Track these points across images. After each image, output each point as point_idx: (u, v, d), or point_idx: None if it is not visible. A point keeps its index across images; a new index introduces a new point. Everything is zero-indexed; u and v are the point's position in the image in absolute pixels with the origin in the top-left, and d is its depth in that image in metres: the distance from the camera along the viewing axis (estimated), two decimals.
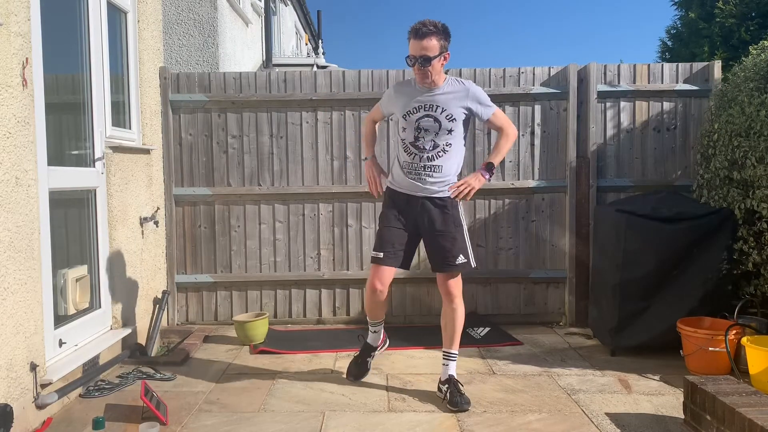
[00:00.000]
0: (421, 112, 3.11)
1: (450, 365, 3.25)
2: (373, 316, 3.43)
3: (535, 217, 4.75)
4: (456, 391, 3.14)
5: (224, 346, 4.25)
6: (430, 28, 2.98)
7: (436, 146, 3.11)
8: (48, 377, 2.96)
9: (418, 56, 3.00)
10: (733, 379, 2.84)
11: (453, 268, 3.17)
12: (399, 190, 3.21)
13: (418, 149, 3.12)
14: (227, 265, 4.76)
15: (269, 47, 8.58)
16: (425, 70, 3.02)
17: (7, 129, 2.69)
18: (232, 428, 2.92)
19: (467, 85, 3.17)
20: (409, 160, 3.14)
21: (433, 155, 3.11)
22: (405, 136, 3.16)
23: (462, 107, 3.12)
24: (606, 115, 4.66)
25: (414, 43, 3.00)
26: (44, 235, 3.03)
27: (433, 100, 3.11)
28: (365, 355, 3.51)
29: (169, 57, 6.05)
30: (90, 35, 3.59)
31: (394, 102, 3.24)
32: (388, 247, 3.18)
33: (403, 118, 3.14)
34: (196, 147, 4.71)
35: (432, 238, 3.19)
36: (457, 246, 3.16)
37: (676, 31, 7.23)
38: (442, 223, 3.16)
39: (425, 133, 3.11)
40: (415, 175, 3.14)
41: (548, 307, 4.78)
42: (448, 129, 3.11)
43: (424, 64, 3.00)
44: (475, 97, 3.16)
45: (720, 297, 3.79)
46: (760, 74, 3.80)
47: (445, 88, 3.13)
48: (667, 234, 3.77)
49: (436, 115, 3.09)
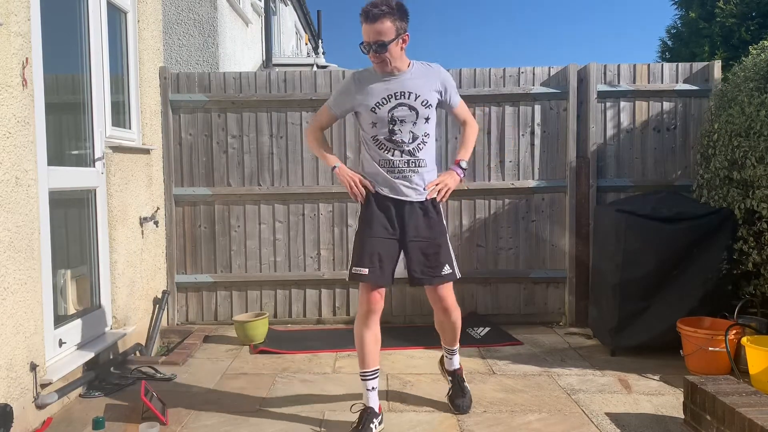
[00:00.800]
0: (393, 101, 2.73)
1: (453, 359, 3.14)
2: (367, 363, 2.82)
3: (535, 217, 4.75)
4: (459, 390, 3.06)
5: (224, 346, 4.25)
6: (382, 8, 2.60)
7: (415, 138, 2.75)
8: (48, 377, 2.96)
9: (372, 42, 2.63)
10: (733, 379, 2.84)
11: (439, 279, 2.84)
12: (382, 194, 2.81)
13: (396, 144, 2.75)
14: (227, 265, 4.76)
15: (269, 47, 8.58)
16: (382, 57, 2.66)
17: (7, 129, 2.69)
18: (232, 428, 2.92)
19: (435, 68, 2.84)
20: (389, 157, 2.76)
21: (413, 149, 2.75)
22: (377, 132, 2.76)
23: (435, 91, 2.80)
24: (606, 115, 4.66)
25: (366, 27, 2.63)
26: (44, 235, 3.03)
27: (403, 86, 2.73)
28: (367, 422, 2.77)
29: (169, 57, 6.05)
30: (90, 35, 3.59)
31: (354, 96, 2.80)
32: (367, 259, 2.76)
33: (372, 111, 2.74)
34: (196, 147, 4.71)
35: (417, 247, 2.81)
36: (442, 254, 2.83)
37: (677, 30, 7.22)
38: (428, 229, 2.81)
39: (401, 125, 2.73)
40: (399, 173, 2.76)
41: (548, 307, 4.78)
42: (426, 117, 2.76)
43: (380, 50, 2.64)
44: (446, 80, 2.85)
45: (720, 297, 3.78)
46: (760, 74, 3.80)
47: (413, 72, 2.77)
48: (667, 234, 3.77)
49: (410, 102, 2.73)
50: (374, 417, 2.80)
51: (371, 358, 2.83)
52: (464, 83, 4.69)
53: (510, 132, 4.71)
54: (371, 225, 2.80)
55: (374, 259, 2.76)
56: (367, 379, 2.83)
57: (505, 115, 4.71)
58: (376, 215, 2.80)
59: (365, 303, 2.81)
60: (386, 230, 2.80)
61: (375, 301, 2.80)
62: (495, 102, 4.70)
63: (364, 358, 2.83)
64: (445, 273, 2.84)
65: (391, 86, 2.75)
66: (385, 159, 2.78)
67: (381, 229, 2.79)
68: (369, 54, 2.70)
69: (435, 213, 2.84)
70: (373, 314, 2.82)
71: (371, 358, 2.83)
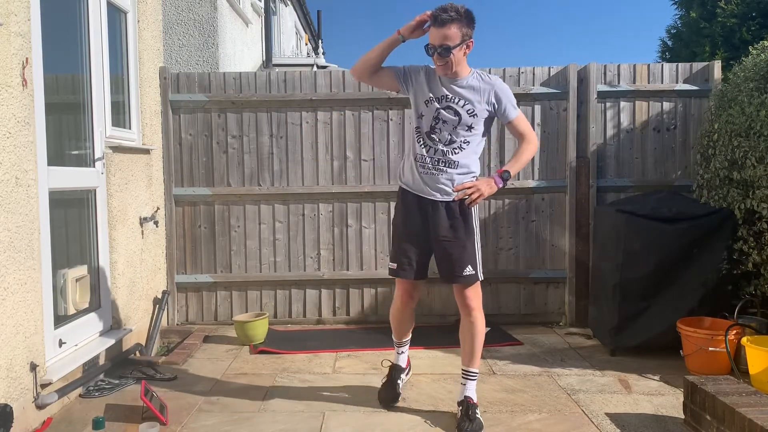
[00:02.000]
0: (444, 102, 2.85)
1: (468, 385, 2.98)
2: (398, 335, 3.27)
3: (535, 217, 4.74)
4: (466, 416, 2.87)
5: (224, 346, 4.25)
6: (451, 14, 2.69)
7: (452, 141, 2.85)
8: (48, 377, 2.96)
9: (438, 45, 2.72)
10: (733, 379, 2.84)
11: (458, 279, 2.90)
12: (409, 191, 2.95)
13: (433, 141, 2.86)
14: (227, 265, 4.76)
15: (269, 47, 8.58)
16: (446, 60, 2.74)
17: (7, 129, 2.69)
18: (232, 428, 2.92)
19: (493, 81, 2.89)
20: (423, 153, 2.88)
21: (447, 150, 2.85)
22: (421, 123, 2.89)
23: (486, 102, 2.86)
24: (606, 115, 4.66)
25: (434, 30, 2.73)
26: (44, 235, 3.03)
27: (456, 91, 2.85)
28: (394, 377, 3.25)
29: (169, 57, 6.05)
30: (90, 35, 3.59)
31: (421, 80, 2.91)
32: (400, 256, 2.96)
33: (425, 104, 2.88)
34: (196, 147, 4.72)
35: (440, 246, 2.91)
36: (466, 255, 2.89)
37: (677, 30, 7.22)
38: (451, 230, 2.89)
39: (443, 125, 2.85)
40: (428, 170, 2.87)
41: (548, 307, 4.78)
42: (468, 125, 2.84)
43: (444, 53, 2.72)
44: (502, 93, 2.88)
45: (720, 297, 3.78)
46: (760, 74, 3.80)
47: (470, 81, 2.86)
48: (667, 234, 3.77)
49: (457, 107, 2.84)
50: (401, 372, 3.29)
51: (402, 333, 3.26)
52: None
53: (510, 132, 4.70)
54: (403, 223, 2.99)
55: (401, 256, 2.97)
56: (399, 345, 3.30)
57: None
58: (406, 213, 2.97)
59: (397, 297, 3.13)
60: (416, 227, 2.94)
61: (406, 298, 3.09)
62: None
63: (396, 332, 3.27)
64: (466, 273, 2.90)
65: (446, 88, 2.86)
66: (420, 153, 2.90)
67: (411, 226, 2.95)
68: (433, 56, 2.78)
69: (461, 214, 2.89)
70: (405, 306, 3.12)
71: (402, 333, 3.27)
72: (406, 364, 3.36)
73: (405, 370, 3.34)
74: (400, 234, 2.99)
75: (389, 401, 3.15)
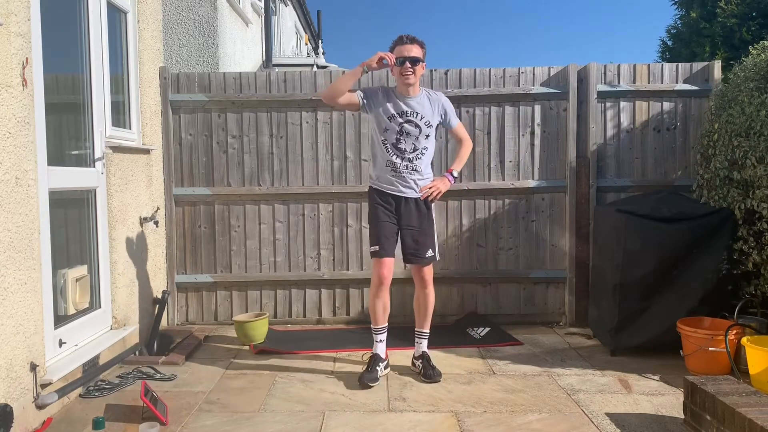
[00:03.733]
0: (404, 117, 3.43)
1: (423, 343, 3.65)
2: (377, 321, 3.58)
3: (535, 217, 4.75)
4: (428, 365, 3.55)
5: (224, 346, 4.25)
6: (412, 37, 3.42)
7: (415, 149, 3.45)
8: (48, 377, 2.96)
9: (409, 56, 3.36)
10: (733, 379, 2.84)
11: (424, 260, 3.54)
12: (383, 189, 3.50)
13: (400, 151, 3.44)
14: (227, 265, 4.76)
15: (269, 47, 8.58)
16: (414, 69, 3.38)
17: (7, 129, 2.69)
18: (232, 428, 2.92)
19: (439, 96, 3.57)
20: (392, 160, 3.45)
21: (412, 157, 3.45)
22: (387, 137, 3.45)
23: (437, 114, 3.52)
24: (606, 115, 4.66)
25: (401, 47, 3.39)
26: (44, 235, 3.03)
27: (414, 107, 3.45)
28: (374, 364, 3.54)
29: (169, 57, 6.05)
30: (90, 35, 3.59)
31: (380, 99, 3.49)
32: (383, 240, 3.47)
33: (388, 119, 3.43)
34: (196, 147, 4.72)
35: (409, 234, 3.51)
36: (429, 241, 3.54)
37: (677, 30, 7.22)
38: (418, 220, 3.51)
39: (407, 137, 3.43)
40: (399, 174, 3.45)
41: (548, 307, 4.78)
42: (426, 134, 3.46)
43: (414, 62, 3.37)
44: (447, 106, 3.57)
45: (720, 297, 3.78)
46: (761, 74, 3.80)
47: (422, 97, 3.49)
48: (667, 234, 3.77)
49: (416, 121, 3.44)
50: (380, 361, 3.55)
51: (380, 318, 3.58)
52: (464, 83, 4.69)
53: (510, 132, 4.71)
54: (378, 215, 3.52)
55: (383, 239, 3.48)
56: (376, 333, 3.60)
57: (505, 115, 4.71)
58: (380, 207, 3.51)
59: (376, 275, 3.51)
60: (388, 217, 3.51)
61: (384, 274, 3.49)
62: (495, 102, 4.70)
63: (375, 318, 3.59)
64: (428, 255, 3.56)
65: (405, 105, 3.45)
66: (390, 161, 3.46)
67: (385, 216, 3.51)
68: (402, 66, 3.37)
69: (426, 209, 3.54)
70: (382, 286, 3.51)
71: (380, 319, 3.58)
72: (386, 355, 3.62)
73: (385, 361, 3.60)
74: (380, 222, 3.50)
75: (368, 381, 3.42)
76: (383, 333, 3.61)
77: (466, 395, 3.29)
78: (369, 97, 3.49)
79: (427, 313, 3.65)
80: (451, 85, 4.70)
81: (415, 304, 3.68)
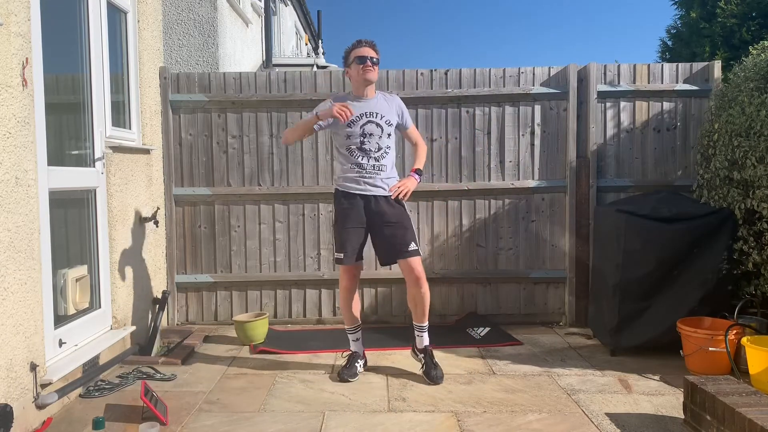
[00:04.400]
0: (364, 119, 3.47)
1: (423, 336, 3.60)
2: (351, 320, 3.68)
3: (535, 217, 4.75)
4: (431, 362, 3.54)
5: (224, 346, 4.25)
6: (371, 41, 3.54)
7: (380, 148, 3.48)
8: (48, 377, 2.96)
9: (372, 56, 3.47)
10: (733, 379, 2.84)
11: (410, 253, 3.45)
12: (350, 191, 3.50)
13: (365, 152, 3.47)
14: (227, 265, 4.76)
15: (269, 47, 8.58)
16: (375, 68, 3.48)
17: (7, 129, 2.69)
18: (232, 428, 2.92)
19: (395, 97, 3.66)
20: (359, 161, 3.47)
21: (378, 156, 3.48)
22: (350, 142, 3.47)
23: (396, 114, 3.58)
24: (606, 115, 4.66)
25: (364, 49, 3.48)
26: (44, 235, 3.03)
27: (373, 108, 3.50)
28: (353, 361, 3.64)
29: (169, 57, 6.05)
30: (90, 35, 3.59)
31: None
32: (347, 246, 3.49)
33: (348, 126, 3.44)
34: (196, 147, 4.72)
35: (385, 229, 3.47)
36: (409, 234, 3.48)
37: (677, 30, 7.22)
38: (393, 214, 3.48)
39: (370, 138, 3.46)
40: (366, 174, 3.47)
41: (548, 307, 4.78)
42: (388, 133, 3.52)
43: (374, 62, 3.48)
44: (403, 107, 3.64)
45: (720, 297, 3.78)
46: (761, 74, 3.80)
47: (379, 98, 3.56)
48: (667, 234, 3.77)
49: (377, 120, 3.48)
50: (358, 358, 3.66)
51: (349, 320, 3.68)
52: (464, 83, 4.69)
53: (510, 132, 4.71)
54: (345, 219, 3.51)
55: (348, 245, 3.49)
56: (351, 333, 3.70)
57: (505, 115, 4.71)
58: (350, 210, 3.50)
59: (341, 282, 3.63)
60: (355, 222, 3.49)
61: (350, 279, 3.59)
62: (495, 102, 4.70)
63: (346, 320, 3.70)
64: (411, 249, 3.47)
65: (363, 107, 3.49)
66: (357, 163, 3.48)
67: (352, 221, 3.49)
68: (364, 65, 3.44)
69: (399, 204, 3.52)
70: (350, 290, 3.61)
71: (349, 320, 3.68)
72: (363, 354, 3.72)
73: (363, 359, 3.70)
74: (344, 229, 3.50)
75: (347, 376, 3.53)
76: (356, 332, 3.69)
77: (466, 395, 3.29)
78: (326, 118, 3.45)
79: (424, 308, 3.55)
80: (451, 85, 4.70)
81: (410, 303, 3.57)
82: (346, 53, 3.55)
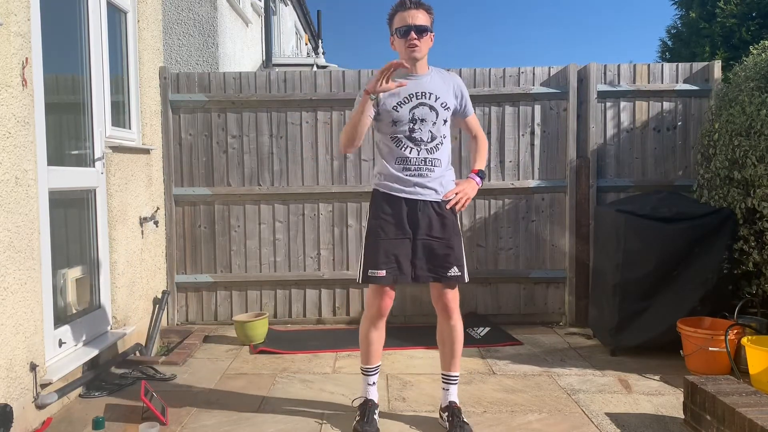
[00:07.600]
0: (414, 100, 2.69)
1: (451, 390, 2.88)
2: (371, 360, 2.90)
3: (535, 217, 4.74)
4: (459, 421, 2.77)
5: (224, 346, 4.25)
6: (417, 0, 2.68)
7: (434, 138, 2.72)
8: (48, 377, 2.96)
9: (414, 24, 2.62)
10: (733, 379, 2.84)
11: (446, 279, 2.74)
12: (393, 193, 2.74)
13: (415, 142, 2.70)
14: (227, 265, 4.76)
15: (269, 47, 8.57)
16: (421, 41, 2.65)
17: (7, 129, 2.69)
18: (232, 428, 2.92)
19: (454, 76, 2.87)
20: (407, 155, 2.70)
21: (431, 148, 2.72)
22: (396, 129, 2.71)
23: (453, 96, 2.81)
24: (606, 115, 4.66)
25: (403, 14, 2.65)
26: (44, 235, 3.03)
27: (423, 87, 2.71)
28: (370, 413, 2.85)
29: (169, 57, 6.05)
30: (90, 35, 3.59)
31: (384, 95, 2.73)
32: (383, 260, 2.70)
33: (393, 110, 2.69)
34: (195, 147, 4.71)
35: (427, 244, 2.73)
36: (454, 256, 2.74)
37: (677, 30, 7.22)
38: (440, 229, 2.74)
39: (422, 124, 2.70)
40: (415, 171, 2.71)
41: (548, 307, 4.78)
42: (444, 119, 2.75)
43: (420, 33, 2.64)
44: (463, 88, 2.87)
45: (720, 297, 3.78)
46: (761, 74, 3.80)
47: (433, 75, 2.76)
48: (667, 234, 3.77)
49: (431, 103, 2.71)
50: (375, 408, 2.90)
51: (375, 356, 2.90)
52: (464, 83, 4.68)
53: (510, 132, 4.71)
54: (385, 227, 2.73)
55: (387, 260, 2.71)
56: (369, 374, 2.92)
57: (505, 115, 4.71)
58: (389, 217, 2.74)
59: (376, 306, 2.79)
60: (400, 231, 2.73)
61: (386, 305, 2.79)
62: (495, 102, 4.70)
63: (368, 356, 2.90)
64: (451, 274, 2.74)
65: (411, 87, 2.70)
66: (403, 157, 2.71)
67: (395, 230, 2.73)
68: (407, 38, 2.64)
69: (451, 214, 2.77)
70: (382, 318, 2.83)
71: (375, 357, 2.90)
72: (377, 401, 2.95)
73: (378, 407, 2.94)
74: (384, 240, 2.72)
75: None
76: (375, 374, 2.92)
77: (466, 395, 3.28)
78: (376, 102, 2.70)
79: (454, 351, 2.84)
80: None
81: (439, 339, 2.89)
82: (389, 17, 2.74)
